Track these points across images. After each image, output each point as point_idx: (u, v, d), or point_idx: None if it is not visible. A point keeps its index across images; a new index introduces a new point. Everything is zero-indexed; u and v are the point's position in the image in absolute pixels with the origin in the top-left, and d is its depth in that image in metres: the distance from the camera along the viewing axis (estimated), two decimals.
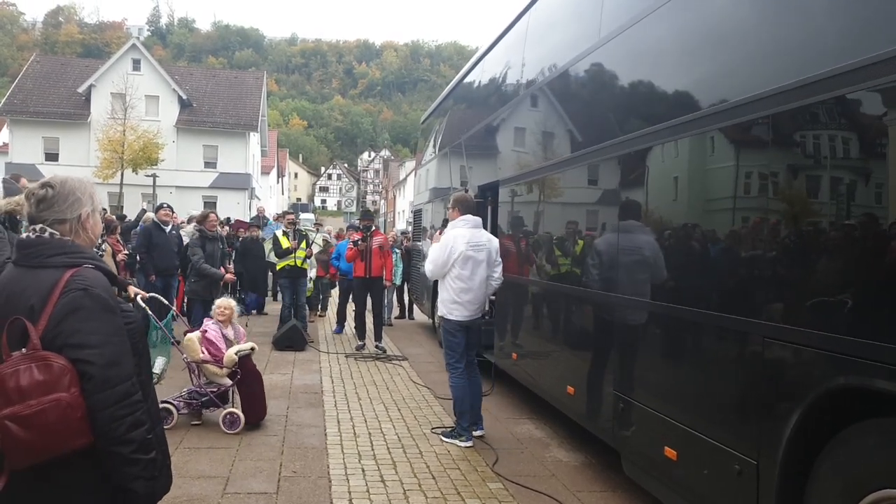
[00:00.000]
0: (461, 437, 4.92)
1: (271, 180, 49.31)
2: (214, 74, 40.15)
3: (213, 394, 4.99)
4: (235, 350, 5.06)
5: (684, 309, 3.19)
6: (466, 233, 4.94)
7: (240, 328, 5.62)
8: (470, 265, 4.87)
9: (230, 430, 4.89)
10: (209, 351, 5.06)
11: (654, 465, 3.48)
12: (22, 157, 30.03)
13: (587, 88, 4.77)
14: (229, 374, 5.05)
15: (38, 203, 1.73)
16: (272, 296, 13.42)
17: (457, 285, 4.89)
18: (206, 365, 5.02)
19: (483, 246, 4.98)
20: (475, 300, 4.95)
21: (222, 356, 5.04)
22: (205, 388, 5.02)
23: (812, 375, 2.38)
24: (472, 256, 4.88)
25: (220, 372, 5.03)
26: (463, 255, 4.84)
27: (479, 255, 4.92)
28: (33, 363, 1.56)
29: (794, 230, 2.54)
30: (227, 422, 4.93)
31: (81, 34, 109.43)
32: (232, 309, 5.48)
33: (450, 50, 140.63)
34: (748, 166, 2.86)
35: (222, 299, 5.63)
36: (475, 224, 5.06)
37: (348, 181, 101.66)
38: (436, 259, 4.91)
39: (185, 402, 5.03)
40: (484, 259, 4.95)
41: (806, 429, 2.37)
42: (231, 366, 5.02)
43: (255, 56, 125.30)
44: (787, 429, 2.42)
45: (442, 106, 10.37)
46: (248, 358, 5.15)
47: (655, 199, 3.67)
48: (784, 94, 2.55)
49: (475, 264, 4.89)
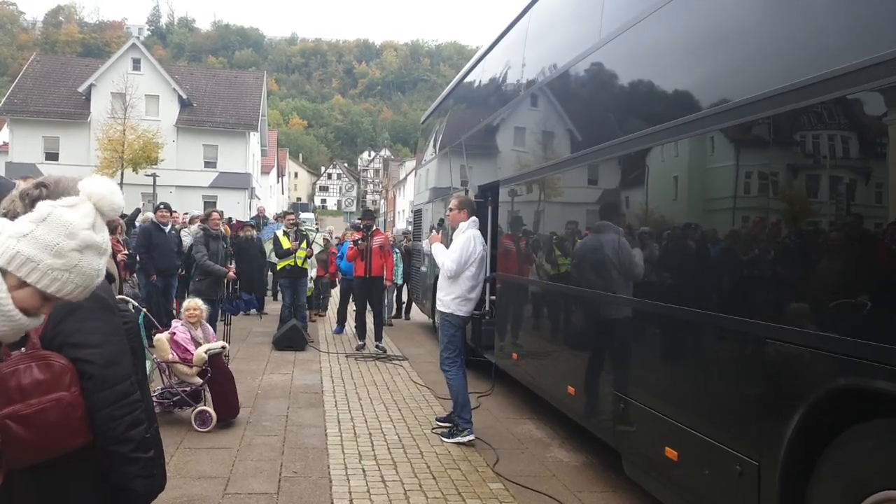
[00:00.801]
0: (463, 432, 4.95)
1: (271, 180, 49.32)
2: (214, 74, 40.16)
3: (184, 393, 4.99)
4: (205, 349, 5.07)
5: (685, 309, 3.18)
6: (478, 234, 5.25)
7: (209, 329, 5.63)
8: (480, 264, 5.18)
9: (202, 429, 4.89)
10: (177, 353, 5.05)
11: (654, 465, 3.47)
12: (22, 157, 30.06)
13: (588, 88, 4.76)
14: (199, 372, 5.05)
15: (33, 203, 1.72)
16: (272, 295, 13.42)
17: (469, 283, 5.12)
18: (175, 365, 5.02)
19: (483, 245, 5.30)
20: (478, 296, 5.30)
21: (191, 357, 5.05)
22: (176, 388, 5.03)
23: (813, 376, 2.37)
24: (483, 256, 5.21)
25: (190, 371, 5.04)
26: (480, 255, 5.14)
27: (483, 254, 5.25)
28: (33, 362, 1.56)
29: (795, 231, 2.54)
30: (199, 420, 4.94)
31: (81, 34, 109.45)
32: (201, 310, 5.49)
33: (450, 50, 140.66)
34: (749, 167, 2.86)
35: (190, 300, 5.64)
36: (478, 225, 5.38)
37: (348, 181, 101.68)
38: (458, 259, 5.05)
39: (157, 402, 5.04)
40: (483, 257, 5.25)
41: (807, 429, 2.37)
42: (201, 365, 5.03)
43: (255, 56, 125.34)
44: (788, 429, 2.42)
45: (442, 106, 10.37)
46: (218, 357, 5.17)
47: (655, 200, 3.67)
48: (785, 96, 2.55)
49: (482, 262, 5.22)
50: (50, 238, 1.25)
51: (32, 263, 1.24)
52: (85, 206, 1.31)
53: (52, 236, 1.25)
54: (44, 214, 1.27)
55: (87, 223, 1.29)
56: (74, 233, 1.27)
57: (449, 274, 5.12)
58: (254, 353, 8.26)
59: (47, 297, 1.28)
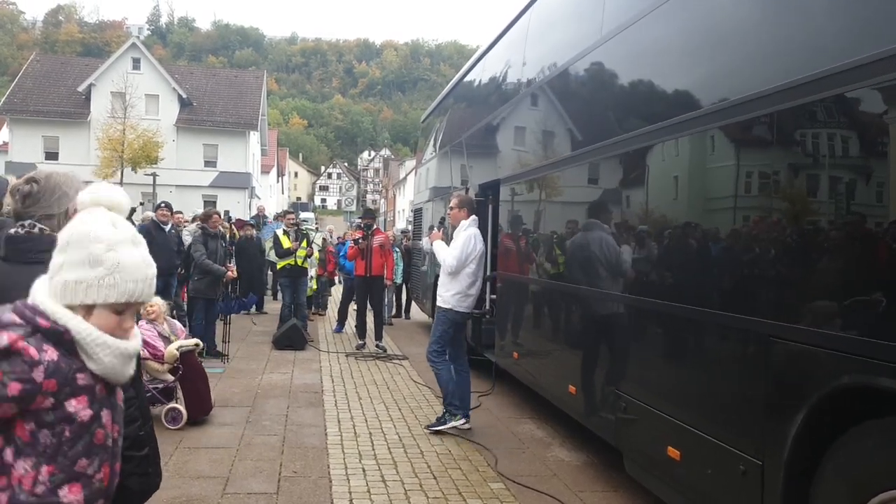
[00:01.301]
0: (456, 416, 5.12)
1: (271, 179, 49.31)
2: (214, 73, 40.14)
3: (156, 390, 4.95)
4: (177, 346, 5.05)
5: (687, 308, 3.16)
6: (478, 232, 5.39)
7: (176, 324, 5.57)
8: (479, 262, 5.33)
9: (172, 426, 4.86)
10: (147, 350, 5.02)
11: (656, 464, 3.45)
12: (22, 156, 30.03)
13: (588, 87, 4.74)
14: (171, 370, 5.03)
15: (24, 199, 1.70)
16: (272, 295, 13.42)
17: (469, 280, 5.25)
18: (146, 361, 4.99)
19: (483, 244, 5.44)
20: (477, 293, 5.43)
21: (162, 353, 5.01)
22: (147, 385, 4.99)
23: (817, 374, 2.35)
24: (482, 254, 5.37)
25: (162, 368, 5.01)
26: (480, 252, 5.29)
27: (483, 252, 5.40)
28: None
29: (798, 228, 2.51)
30: (169, 418, 4.91)
31: (81, 33, 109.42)
32: (158, 306, 5.39)
33: (450, 49, 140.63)
34: (751, 164, 2.84)
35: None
36: (479, 224, 5.51)
37: (348, 180, 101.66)
38: (459, 256, 5.19)
39: None
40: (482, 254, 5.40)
41: (811, 429, 2.35)
42: (172, 362, 5.00)
43: (255, 55, 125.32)
44: (792, 429, 2.40)
45: (442, 105, 10.35)
46: (191, 354, 5.15)
47: (656, 198, 3.65)
48: (786, 93, 2.53)
49: (481, 260, 5.37)
50: (81, 254, 1.26)
51: (82, 284, 1.25)
52: (95, 211, 1.32)
53: (82, 251, 1.26)
54: (65, 239, 1.29)
55: (105, 224, 1.29)
56: (98, 237, 1.27)
57: (450, 270, 5.22)
58: (253, 352, 8.25)
59: (118, 310, 1.28)
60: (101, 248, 1.26)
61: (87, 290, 1.25)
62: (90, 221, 1.29)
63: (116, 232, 1.29)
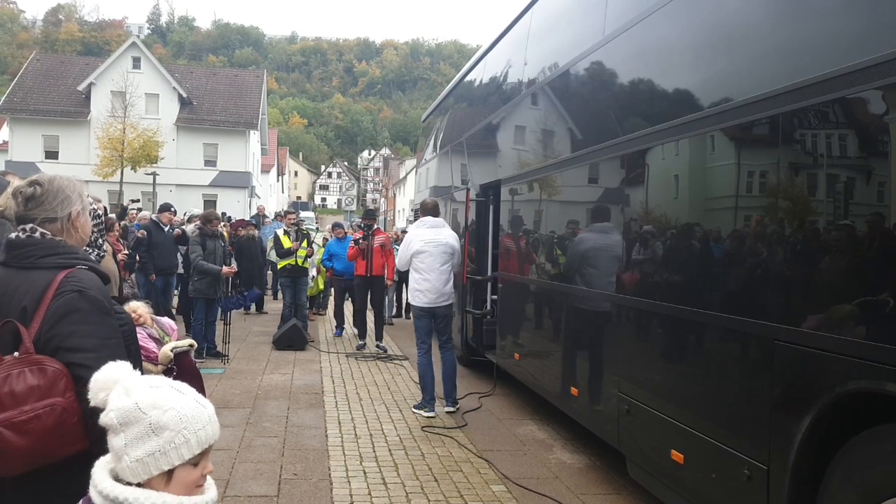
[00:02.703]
0: (425, 408, 5.64)
1: (271, 178, 49.26)
2: (214, 73, 40.07)
3: None
4: (171, 346, 5.00)
5: (691, 310, 3.14)
6: (425, 232, 5.80)
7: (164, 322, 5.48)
8: (426, 259, 5.69)
9: None
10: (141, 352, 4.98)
11: (659, 468, 3.43)
12: (22, 156, 30.00)
13: (590, 87, 4.71)
14: (164, 371, 4.98)
15: (27, 201, 1.68)
16: (272, 294, 13.39)
17: (417, 276, 5.76)
18: None
19: (442, 243, 5.76)
20: (432, 289, 5.72)
21: (155, 355, 4.98)
22: None
23: (823, 379, 2.33)
24: (427, 251, 5.69)
25: (156, 369, 4.96)
26: (418, 251, 5.71)
27: (435, 251, 5.70)
28: (26, 367, 1.52)
29: (804, 231, 2.49)
30: None
31: (81, 32, 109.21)
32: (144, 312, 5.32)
33: (450, 48, 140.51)
34: (755, 166, 2.82)
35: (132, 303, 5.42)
36: (433, 224, 5.88)
37: (348, 179, 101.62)
38: (400, 254, 6.04)
39: None
40: (438, 253, 5.71)
41: (818, 433, 2.33)
42: (166, 363, 4.95)
43: (255, 54, 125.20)
44: (798, 433, 2.37)
45: (443, 105, 10.32)
46: (185, 355, 5.10)
47: (659, 200, 3.62)
48: (792, 94, 2.50)
49: (431, 257, 5.69)
50: (139, 428, 1.23)
51: (154, 455, 1.23)
52: (116, 388, 1.29)
53: (140, 425, 1.23)
54: (115, 421, 1.25)
55: (140, 390, 1.27)
56: (148, 404, 1.25)
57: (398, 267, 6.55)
58: (254, 352, 8.22)
59: (196, 462, 1.28)
60: (157, 413, 1.24)
61: (162, 459, 1.23)
62: (124, 396, 1.26)
63: (159, 391, 1.28)
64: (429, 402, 5.63)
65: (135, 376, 1.32)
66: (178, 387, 1.32)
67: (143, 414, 1.23)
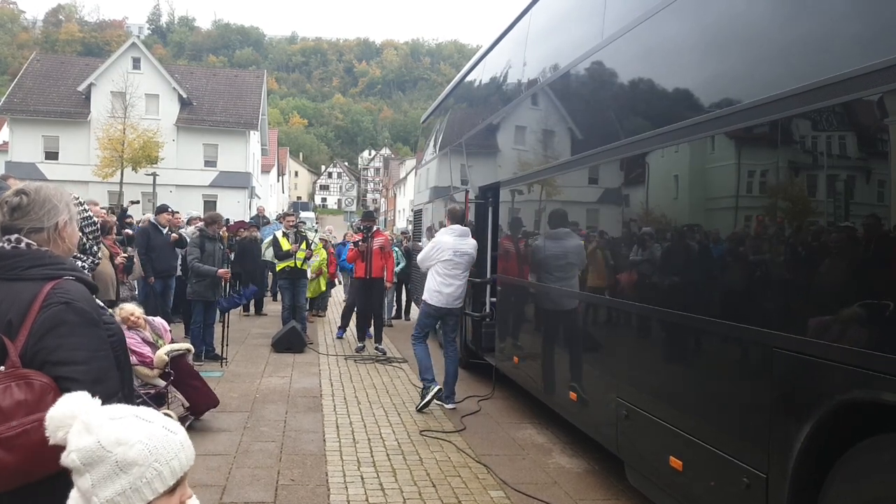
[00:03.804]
0: (429, 388, 5.86)
1: (272, 179, 49.26)
2: (215, 73, 40.07)
3: (147, 396, 4.89)
4: (166, 350, 4.98)
5: (690, 316, 3.11)
6: (454, 241, 6.08)
7: (157, 323, 5.40)
8: (452, 269, 6.03)
9: None
10: (135, 357, 4.95)
11: (658, 474, 3.41)
12: (22, 156, 30.03)
13: (591, 89, 4.69)
14: (161, 374, 4.97)
15: (13, 211, 1.65)
16: (272, 296, 13.36)
17: (439, 279, 6.06)
18: (136, 367, 4.92)
19: (466, 253, 6.11)
20: (453, 294, 6.10)
21: (150, 359, 4.95)
22: (139, 390, 4.94)
23: (823, 388, 2.30)
24: (454, 260, 6.02)
25: (152, 373, 4.95)
26: (447, 258, 6.02)
27: (461, 260, 6.08)
28: (13, 382, 1.49)
29: (806, 237, 2.47)
30: None
31: (82, 32, 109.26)
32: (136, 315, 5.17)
33: (450, 49, 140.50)
34: (756, 171, 2.79)
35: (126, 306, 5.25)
36: (462, 233, 6.18)
37: (349, 180, 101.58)
38: (425, 254, 6.24)
39: None
40: (463, 263, 6.10)
41: (818, 442, 2.30)
42: (162, 366, 4.94)
43: (255, 55, 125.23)
44: (797, 442, 2.35)
45: (442, 105, 10.30)
46: (181, 358, 5.09)
47: (659, 204, 3.60)
48: (796, 98, 2.47)
49: (456, 266, 6.04)
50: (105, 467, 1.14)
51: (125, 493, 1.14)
52: (76, 424, 1.20)
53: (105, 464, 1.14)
54: (77, 462, 1.15)
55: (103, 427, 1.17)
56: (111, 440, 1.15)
57: (419, 263, 6.46)
58: (252, 355, 8.20)
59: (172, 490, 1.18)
60: (122, 450, 1.14)
61: (134, 496, 1.14)
62: (84, 434, 1.16)
63: (121, 424, 1.18)
64: (431, 380, 5.92)
65: (93, 409, 1.22)
66: (143, 415, 1.22)
67: (108, 452, 1.14)
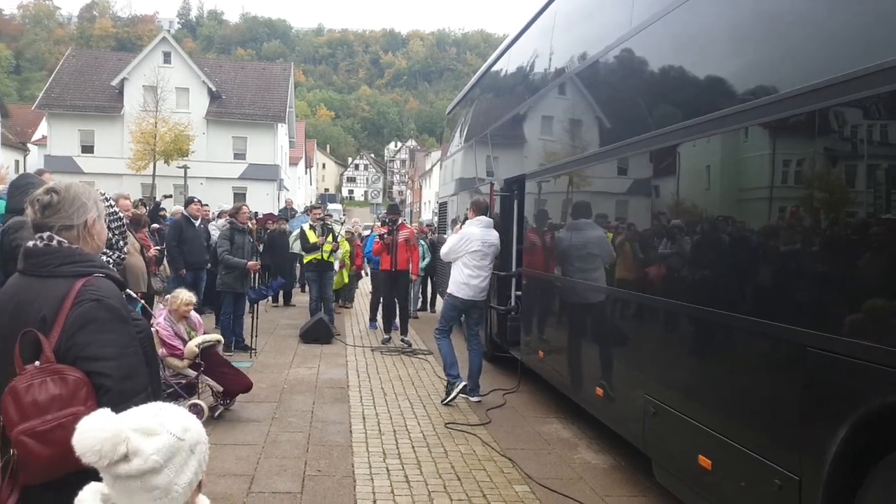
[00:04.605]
0: (455, 384, 5.88)
1: (299, 171, 49.70)
2: (243, 66, 40.48)
3: (178, 385, 4.99)
4: (197, 342, 5.09)
5: (720, 313, 3.05)
6: (481, 232, 6.04)
7: (194, 318, 5.53)
8: (479, 258, 6.00)
9: None
10: (165, 349, 5.04)
11: (686, 472, 3.35)
12: (60, 150, 30.87)
13: (620, 78, 4.59)
14: (191, 365, 5.08)
15: (44, 209, 1.69)
16: (300, 287, 13.51)
17: (467, 272, 6.00)
18: (166, 359, 5.03)
19: (492, 244, 6.11)
20: (480, 286, 6.07)
21: (181, 351, 5.06)
22: (170, 380, 5.04)
23: (859, 389, 2.23)
24: (482, 251, 6.00)
25: (182, 364, 5.07)
26: (476, 250, 5.98)
27: (489, 251, 6.06)
28: (48, 376, 1.53)
29: (843, 231, 2.38)
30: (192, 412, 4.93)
31: (115, 28, 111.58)
32: (192, 302, 5.41)
33: (476, 38, 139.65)
34: (795, 161, 2.70)
35: (183, 292, 5.44)
36: (487, 224, 6.16)
37: (375, 171, 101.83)
38: (452, 246, 6.10)
39: None
40: (490, 254, 6.08)
41: (854, 445, 2.23)
42: (192, 358, 5.05)
43: (282, 47, 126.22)
44: (832, 445, 2.28)
45: (468, 96, 10.23)
46: (212, 349, 5.21)
47: (691, 197, 3.51)
48: (838, 87, 2.37)
49: (484, 257, 6.03)
50: (180, 458, 1.28)
51: (197, 472, 1.32)
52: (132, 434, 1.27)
53: (181, 452, 1.29)
54: (158, 465, 1.25)
55: (169, 420, 1.31)
56: (178, 433, 1.30)
57: (443, 256, 6.37)
58: (281, 345, 8.31)
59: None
60: (189, 434, 1.30)
61: (200, 472, 1.33)
62: (148, 436, 1.26)
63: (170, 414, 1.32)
64: (456, 377, 5.92)
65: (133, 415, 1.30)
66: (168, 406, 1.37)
67: (181, 441, 1.28)
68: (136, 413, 1.31)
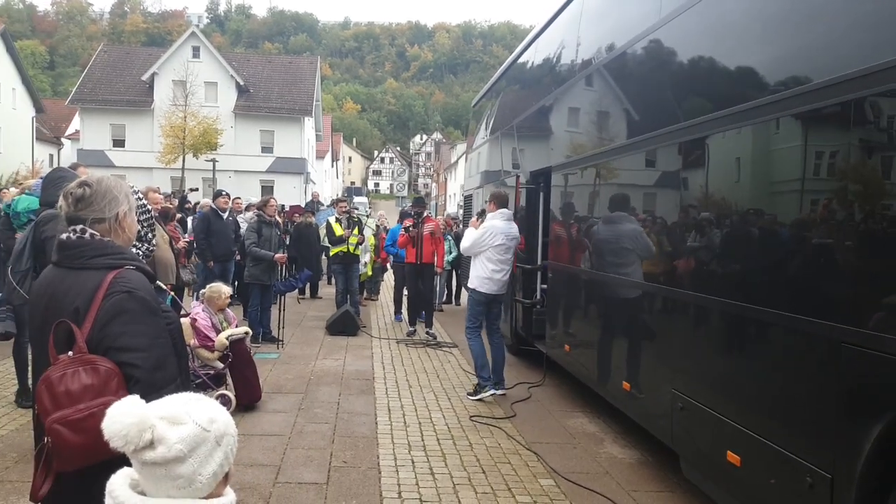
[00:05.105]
0: (484, 389, 5.81)
1: (326, 164, 50.10)
2: (270, 60, 40.88)
3: (206, 376, 5.07)
4: (227, 335, 5.17)
5: (751, 308, 2.98)
6: (502, 225, 5.93)
7: (230, 312, 5.71)
8: (503, 252, 5.90)
9: None
10: (198, 339, 5.13)
11: (714, 468, 3.31)
12: (92, 144, 31.60)
13: (649, 69, 4.51)
14: (220, 357, 5.16)
15: (77, 202, 1.73)
16: (327, 279, 13.65)
17: (491, 266, 5.89)
18: (197, 350, 5.11)
19: (514, 237, 6.01)
20: (502, 280, 5.98)
21: (212, 343, 5.15)
22: (199, 371, 5.12)
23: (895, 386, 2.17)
24: (505, 244, 5.90)
25: (212, 356, 5.14)
26: (500, 243, 5.87)
27: (511, 244, 5.98)
28: (80, 367, 1.57)
29: (879, 224, 2.31)
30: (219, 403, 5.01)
31: (145, 23, 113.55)
32: (226, 294, 5.63)
33: (502, 30, 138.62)
34: (827, 153, 2.63)
35: (218, 286, 5.67)
36: (508, 217, 6.06)
37: (400, 164, 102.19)
38: (475, 240, 5.92)
39: None
40: (512, 247, 6.01)
41: (889, 444, 2.17)
42: (222, 349, 5.12)
43: (309, 41, 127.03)
44: (866, 443, 2.22)
45: (494, 88, 10.17)
46: (240, 342, 5.27)
47: (721, 189, 3.44)
48: (880, 74, 2.28)
49: (507, 250, 5.93)
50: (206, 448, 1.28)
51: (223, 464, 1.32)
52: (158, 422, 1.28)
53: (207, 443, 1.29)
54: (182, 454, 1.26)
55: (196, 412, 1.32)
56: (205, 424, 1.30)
57: (463, 251, 6.19)
58: (308, 337, 8.41)
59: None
60: (216, 426, 1.30)
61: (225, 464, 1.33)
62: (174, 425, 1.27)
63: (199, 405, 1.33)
64: (487, 380, 5.86)
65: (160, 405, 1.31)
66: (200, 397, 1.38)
67: (207, 431, 1.29)
68: (165, 402, 1.33)
